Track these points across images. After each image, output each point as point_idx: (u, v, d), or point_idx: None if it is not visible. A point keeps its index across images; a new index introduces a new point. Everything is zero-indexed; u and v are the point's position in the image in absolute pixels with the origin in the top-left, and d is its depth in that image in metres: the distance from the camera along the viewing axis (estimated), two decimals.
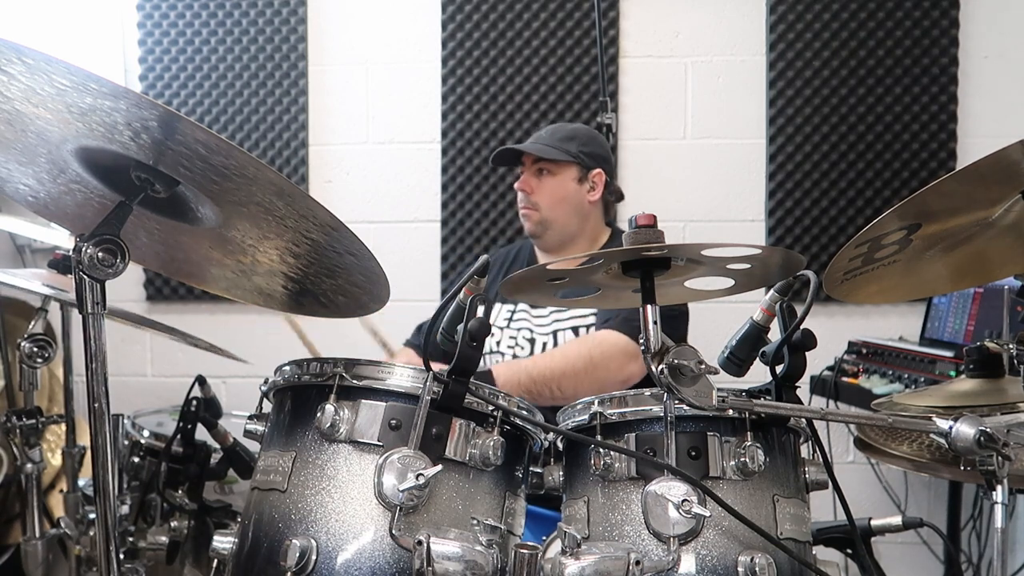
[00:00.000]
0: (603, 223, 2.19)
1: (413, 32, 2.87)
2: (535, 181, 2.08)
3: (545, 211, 2.08)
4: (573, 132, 2.12)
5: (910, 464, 1.50)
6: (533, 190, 2.08)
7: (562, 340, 2.04)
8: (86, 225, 1.04)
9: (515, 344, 2.09)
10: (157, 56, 2.92)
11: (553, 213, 2.08)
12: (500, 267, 2.25)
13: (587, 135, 2.14)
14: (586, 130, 2.18)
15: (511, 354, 2.08)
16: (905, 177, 2.72)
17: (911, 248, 1.08)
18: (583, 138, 2.11)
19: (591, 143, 2.12)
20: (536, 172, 2.08)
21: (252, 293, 1.28)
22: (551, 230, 2.09)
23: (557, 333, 2.05)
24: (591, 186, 2.10)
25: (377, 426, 1.04)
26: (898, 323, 2.66)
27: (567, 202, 2.08)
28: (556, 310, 2.06)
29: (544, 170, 2.07)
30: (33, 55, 0.76)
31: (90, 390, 0.94)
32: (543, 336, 2.07)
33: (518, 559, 0.93)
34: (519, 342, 2.09)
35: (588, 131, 2.18)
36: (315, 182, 2.91)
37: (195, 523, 1.62)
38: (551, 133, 2.12)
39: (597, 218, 2.16)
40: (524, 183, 2.09)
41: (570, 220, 2.10)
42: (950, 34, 2.69)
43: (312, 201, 0.95)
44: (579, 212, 2.10)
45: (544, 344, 2.06)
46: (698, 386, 0.96)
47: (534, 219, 2.09)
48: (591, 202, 2.11)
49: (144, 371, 2.98)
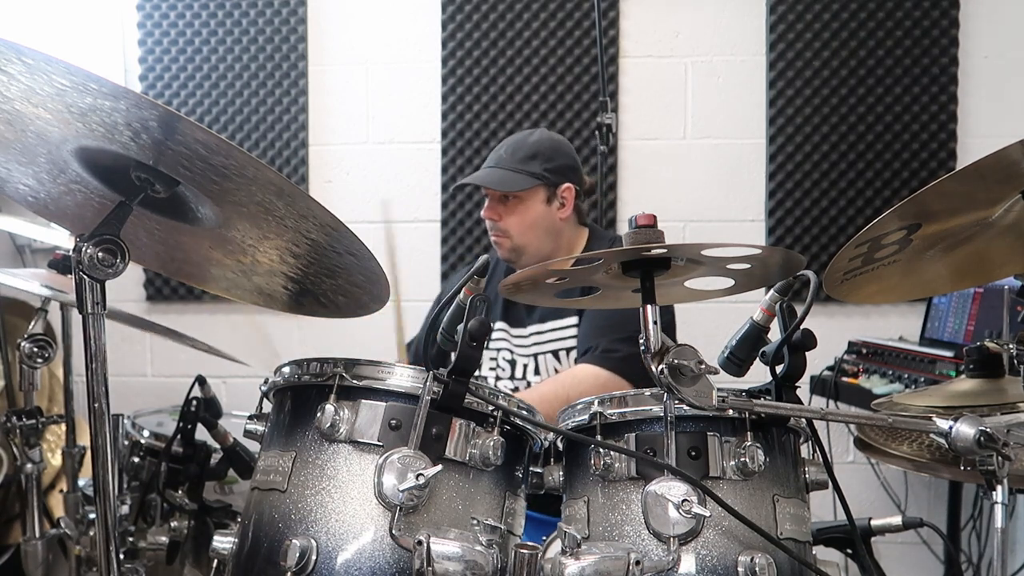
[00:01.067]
0: (577, 227, 2.06)
1: (413, 32, 2.87)
2: (501, 208, 1.95)
3: (516, 238, 1.96)
4: (535, 148, 1.95)
5: (910, 464, 1.50)
6: (501, 217, 1.95)
7: (543, 364, 1.97)
8: (86, 225, 1.04)
9: (496, 367, 2.02)
10: (157, 56, 2.93)
11: (524, 239, 1.96)
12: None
13: (550, 148, 1.97)
14: (548, 142, 2.00)
15: (492, 376, 2.02)
16: (905, 177, 2.72)
17: (911, 248, 1.08)
18: (546, 153, 1.95)
19: (555, 155, 1.97)
20: (501, 199, 1.95)
21: (252, 293, 1.28)
22: (525, 255, 1.97)
23: (538, 356, 1.98)
24: (560, 203, 1.97)
25: (377, 426, 1.04)
26: (898, 323, 2.66)
27: (538, 226, 1.96)
28: (536, 331, 1.98)
29: (509, 196, 1.94)
30: (33, 55, 0.76)
31: (90, 390, 0.94)
32: (524, 358, 2.00)
33: (518, 559, 0.93)
34: (500, 364, 2.02)
35: (550, 142, 2.00)
36: (315, 182, 2.91)
37: (195, 523, 1.62)
38: (511, 153, 1.96)
39: (571, 227, 2.03)
40: (491, 211, 1.96)
41: (543, 242, 1.97)
42: (950, 34, 2.69)
43: (312, 201, 0.95)
44: (551, 232, 1.98)
45: (524, 366, 1.99)
46: (698, 386, 0.96)
47: (506, 246, 1.98)
48: (563, 219, 1.99)
49: (144, 371, 2.98)
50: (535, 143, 1.97)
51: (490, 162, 1.99)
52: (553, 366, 1.97)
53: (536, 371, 1.98)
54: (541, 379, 1.97)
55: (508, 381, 2.01)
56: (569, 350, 1.96)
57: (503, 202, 1.95)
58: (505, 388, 1.99)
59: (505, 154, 1.97)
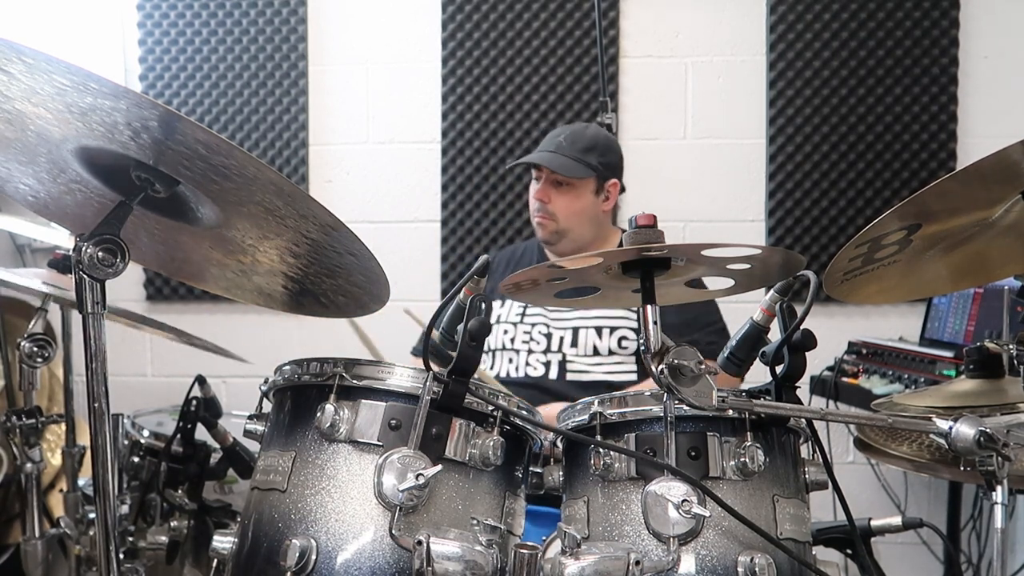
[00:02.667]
0: (611, 226, 2.22)
1: (413, 32, 2.87)
2: (553, 191, 2.07)
3: (562, 222, 2.08)
4: (593, 141, 2.09)
5: (910, 464, 1.50)
6: (550, 200, 2.07)
7: (583, 337, 2.04)
8: (86, 225, 1.04)
9: (530, 339, 2.08)
10: (157, 56, 2.93)
11: (569, 224, 2.09)
12: (507, 266, 2.24)
13: (605, 143, 2.12)
14: (604, 137, 2.15)
15: (526, 350, 2.07)
16: (905, 177, 2.72)
17: (911, 248, 1.08)
18: (602, 147, 2.09)
19: (608, 152, 2.11)
20: (554, 183, 2.07)
21: (252, 293, 1.28)
22: (566, 239, 2.10)
23: (579, 330, 2.05)
24: (606, 196, 2.12)
25: (377, 426, 1.04)
26: (898, 323, 2.66)
27: (584, 214, 2.09)
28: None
29: (563, 182, 2.07)
30: (33, 55, 0.76)
31: (90, 390, 0.94)
32: (560, 331, 2.06)
33: (518, 559, 0.93)
34: (534, 337, 2.08)
35: (605, 138, 2.16)
36: (315, 182, 2.91)
37: (195, 523, 1.62)
38: (571, 142, 2.08)
39: (608, 223, 2.20)
40: (542, 193, 2.08)
41: (585, 231, 2.11)
42: (950, 34, 2.69)
43: (312, 201, 0.95)
44: (593, 222, 2.12)
45: (561, 339, 2.05)
46: (698, 386, 0.96)
47: (550, 228, 2.09)
48: (605, 211, 2.14)
49: (144, 371, 2.98)
50: (593, 136, 2.11)
51: (548, 147, 2.09)
52: (593, 342, 2.04)
53: (573, 343, 2.05)
54: (578, 352, 2.05)
55: (542, 354, 2.06)
56: (613, 329, 2.04)
57: (555, 186, 2.07)
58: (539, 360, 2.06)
59: (564, 142, 2.08)
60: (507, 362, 2.09)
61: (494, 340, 2.12)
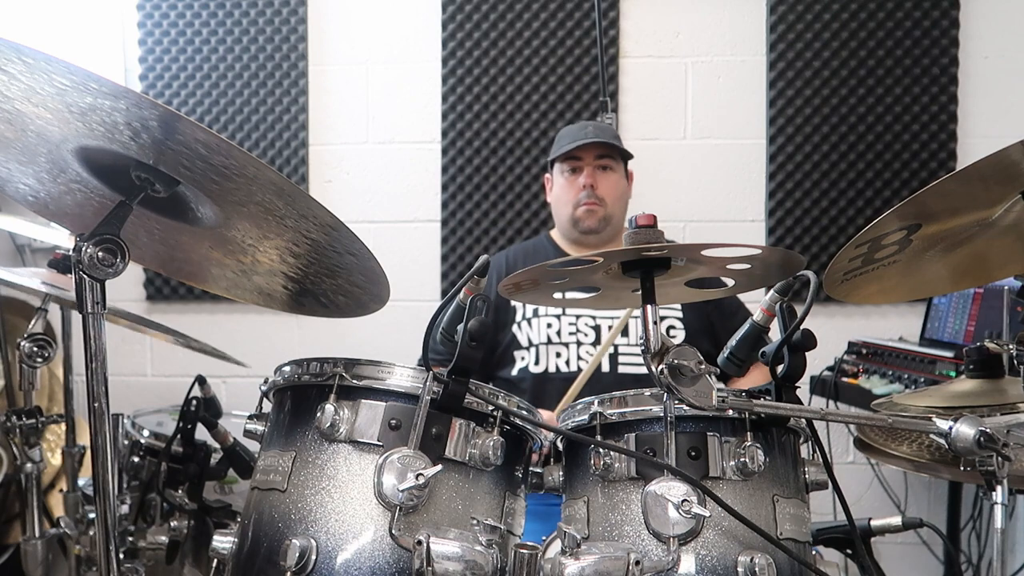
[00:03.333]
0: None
1: (413, 32, 2.87)
2: (600, 175, 2.12)
3: (609, 206, 2.13)
4: (613, 131, 2.20)
5: (910, 464, 1.50)
6: (598, 185, 2.11)
7: (632, 325, 2.03)
8: (86, 225, 1.04)
9: (576, 331, 2.07)
10: (157, 56, 2.92)
11: (614, 208, 2.14)
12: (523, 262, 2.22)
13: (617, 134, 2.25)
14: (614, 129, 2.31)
15: (574, 341, 2.06)
16: (905, 177, 2.72)
17: (911, 248, 1.08)
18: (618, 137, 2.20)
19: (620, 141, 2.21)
20: (600, 167, 2.12)
21: (252, 293, 1.28)
22: (610, 225, 2.14)
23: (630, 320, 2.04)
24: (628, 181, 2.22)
25: (377, 426, 1.04)
26: (898, 323, 2.66)
27: (623, 198, 2.17)
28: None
29: (607, 166, 2.12)
30: (33, 55, 0.76)
31: (90, 390, 0.94)
32: (609, 321, 2.06)
33: (518, 559, 0.93)
34: (580, 329, 2.07)
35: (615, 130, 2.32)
36: (315, 182, 2.91)
37: (195, 523, 1.62)
38: (602, 130, 2.16)
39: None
40: (591, 178, 2.11)
41: (622, 216, 2.17)
42: (950, 34, 2.69)
43: (312, 201, 0.95)
44: (626, 206, 2.19)
45: (609, 327, 2.04)
46: (698, 386, 0.96)
47: (600, 214, 2.12)
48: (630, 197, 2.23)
49: (144, 371, 2.98)
50: (610, 127, 2.26)
51: (590, 135, 2.13)
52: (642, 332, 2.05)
53: (624, 333, 2.05)
54: (629, 341, 2.05)
55: (591, 347, 2.06)
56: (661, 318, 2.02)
57: (601, 170, 2.12)
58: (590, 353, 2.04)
59: (596, 131, 2.15)
60: (554, 356, 2.06)
61: (536, 335, 2.09)
